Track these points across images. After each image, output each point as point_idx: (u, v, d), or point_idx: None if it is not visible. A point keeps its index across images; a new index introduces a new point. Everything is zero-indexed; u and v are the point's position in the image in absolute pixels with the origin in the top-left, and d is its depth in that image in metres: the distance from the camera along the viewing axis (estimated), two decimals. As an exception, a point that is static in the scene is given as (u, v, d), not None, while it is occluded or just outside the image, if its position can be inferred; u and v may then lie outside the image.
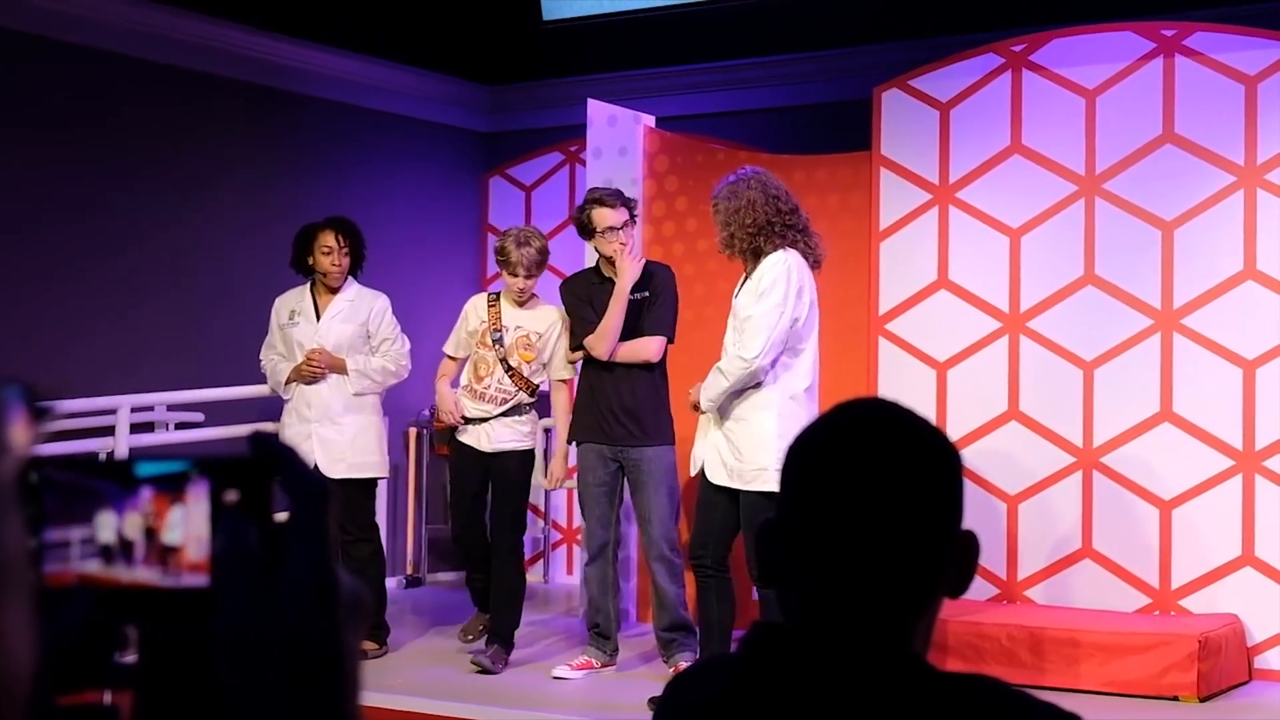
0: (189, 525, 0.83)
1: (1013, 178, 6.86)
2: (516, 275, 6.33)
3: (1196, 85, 6.52)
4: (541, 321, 6.40)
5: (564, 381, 6.47)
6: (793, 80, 8.53)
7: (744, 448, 5.52)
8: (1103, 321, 6.65)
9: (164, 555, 0.82)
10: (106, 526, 0.82)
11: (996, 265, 6.89)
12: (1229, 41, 6.49)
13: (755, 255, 5.55)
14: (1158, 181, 6.57)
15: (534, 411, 6.50)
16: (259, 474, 0.83)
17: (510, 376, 6.35)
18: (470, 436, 6.40)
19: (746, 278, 5.63)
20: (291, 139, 8.54)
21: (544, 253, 6.40)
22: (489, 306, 6.45)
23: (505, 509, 6.41)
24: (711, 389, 5.58)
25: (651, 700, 5.74)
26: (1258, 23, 6.66)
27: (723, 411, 5.60)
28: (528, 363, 6.38)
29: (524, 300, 6.43)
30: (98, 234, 7.54)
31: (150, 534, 0.82)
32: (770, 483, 5.41)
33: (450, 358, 6.58)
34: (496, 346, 6.36)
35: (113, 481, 0.83)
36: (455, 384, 6.58)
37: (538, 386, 6.43)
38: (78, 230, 7.46)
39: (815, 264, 5.63)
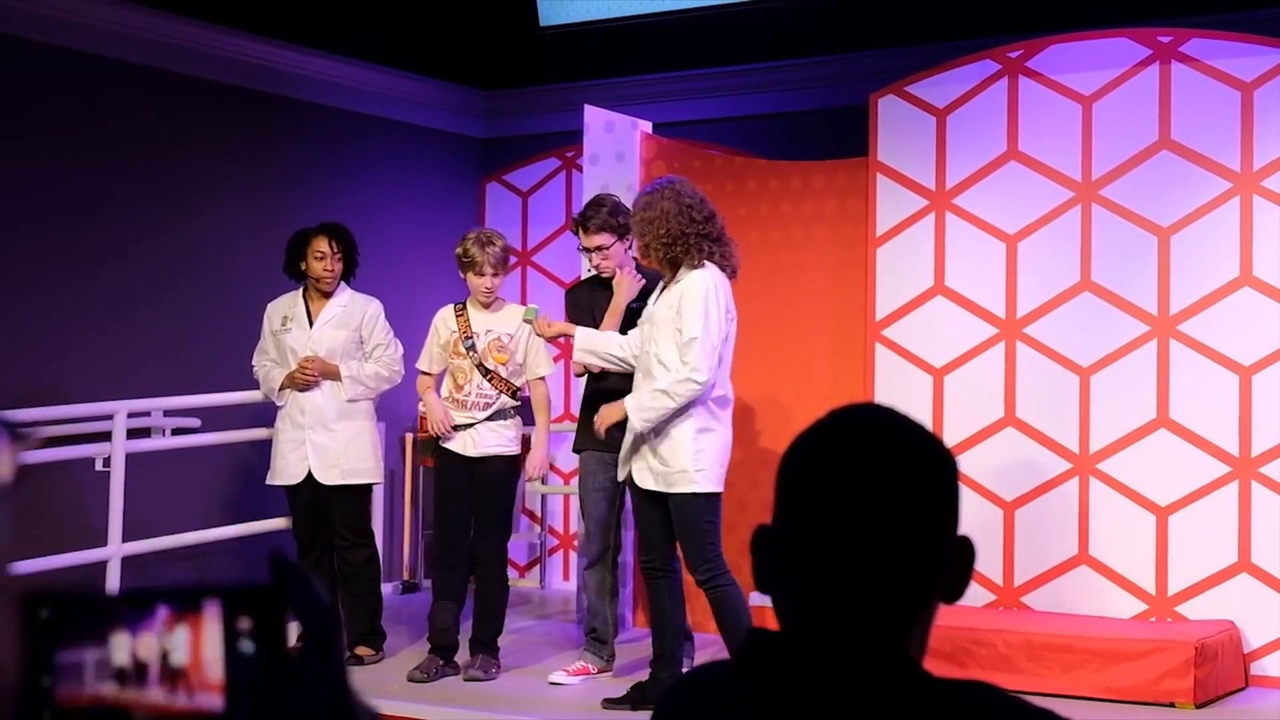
0: (203, 647, 0.82)
1: (1009, 184, 6.87)
2: (483, 274, 6.32)
3: (1193, 92, 6.53)
4: (511, 322, 6.39)
5: (541, 379, 6.46)
6: (790, 86, 8.53)
7: (665, 452, 5.58)
8: (1099, 328, 6.65)
9: (177, 677, 0.82)
10: (121, 648, 0.82)
11: (993, 271, 6.89)
12: (1225, 48, 6.50)
13: (673, 265, 5.58)
14: (1154, 188, 6.57)
15: (519, 417, 6.48)
16: (272, 599, 0.83)
17: (489, 380, 6.34)
18: (456, 443, 6.37)
19: (665, 287, 5.65)
20: (288, 144, 8.54)
21: (506, 251, 6.43)
22: (457, 316, 6.44)
23: (490, 514, 6.38)
24: (652, 410, 5.54)
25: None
26: (1254, 30, 6.67)
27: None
28: (503, 365, 6.37)
29: (490, 302, 6.41)
30: (95, 239, 7.53)
31: (164, 655, 0.82)
32: (693, 484, 5.54)
33: (425, 373, 6.55)
34: (471, 353, 6.35)
35: (128, 606, 0.83)
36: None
37: (519, 389, 6.41)
38: (74, 235, 7.45)
39: (732, 274, 5.68)
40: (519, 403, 6.45)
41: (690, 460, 5.53)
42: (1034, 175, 6.82)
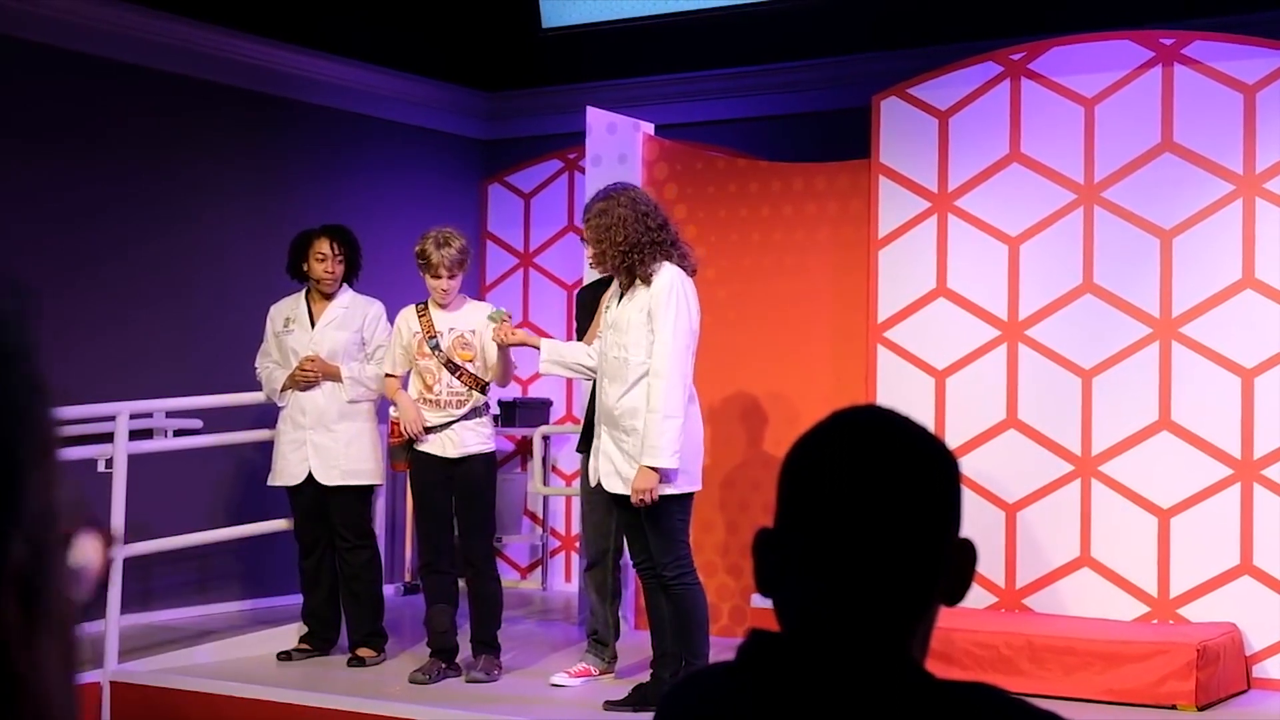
0: None
1: (1011, 186, 6.87)
2: (439, 277, 6.31)
3: (1195, 94, 6.53)
4: (472, 319, 6.35)
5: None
6: (792, 88, 8.53)
7: (637, 454, 5.54)
8: (1101, 330, 6.65)
9: None
10: None
11: (995, 273, 6.89)
12: (1227, 50, 6.50)
13: (629, 272, 5.56)
14: (1156, 190, 6.57)
15: (489, 414, 6.48)
16: None
17: (458, 377, 6.33)
18: (433, 445, 6.32)
19: (623, 293, 5.63)
20: (290, 146, 8.55)
21: (464, 252, 6.37)
22: (419, 316, 6.42)
23: (475, 515, 6.36)
24: (671, 441, 5.44)
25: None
26: (1256, 32, 6.66)
27: (613, 422, 5.61)
28: (469, 361, 6.35)
29: (447, 302, 6.39)
30: (97, 241, 7.54)
31: None
32: (668, 487, 5.50)
33: (391, 375, 6.52)
34: (436, 352, 6.34)
35: None
36: None
37: (488, 384, 6.40)
38: (76, 237, 7.46)
39: (691, 272, 5.69)
40: (487, 398, 6.44)
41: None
42: (1036, 177, 6.82)
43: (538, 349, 5.93)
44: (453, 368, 6.31)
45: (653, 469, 5.43)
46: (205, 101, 8.06)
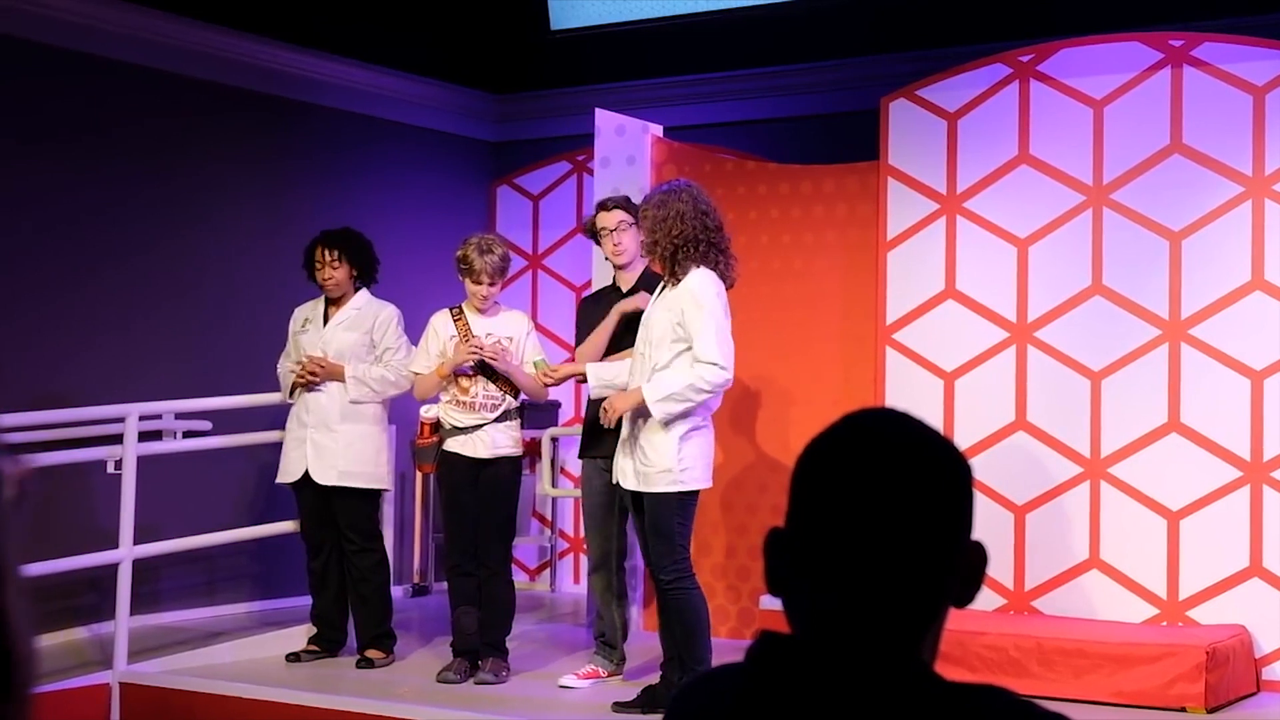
0: None
1: (1020, 188, 6.86)
2: (480, 283, 6.34)
3: (1204, 96, 6.52)
4: (511, 326, 6.40)
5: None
6: (800, 90, 8.53)
7: (649, 451, 5.56)
8: (1110, 332, 6.64)
9: None
10: None
11: (1004, 275, 6.89)
12: (1237, 52, 6.49)
13: (674, 267, 5.57)
14: (1165, 192, 6.56)
15: (520, 418, 6.50)
16: None
17: (495, 382, 6.35)
18: (465, 446, 6.36)
19: (662, 290, 5.65)
20: (299, 148, 8.56)
21: (506, 259, 6.42)
22: (455, 320, 6.44)
23: (497, 516, 6.38)
24: (678, 402, 5.48)
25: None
26: (1266, 33, 6.66)
27: (631, 421, 5.63)
28: None
29: (486, 308, 6.42)
30: (106, 242, 7.55)
31: None
32: (673, 483, 5.52)
33: (421, 375, 6.54)
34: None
35: None
36: (432, 401, 6.54)
37: (519, 389, 6.43)
38: (86, 238, 7.47)
39: (729, 285, 5.67)
40: (520, 403, 6.46)
41: (674, 460, 5.52)
42: (1045, 179, 6.81)
43: (584, 378, 6.01)
44: (490, 373, 6.33)
45: (638, 402, 5.53)
46: (214, 103, 8.07)
